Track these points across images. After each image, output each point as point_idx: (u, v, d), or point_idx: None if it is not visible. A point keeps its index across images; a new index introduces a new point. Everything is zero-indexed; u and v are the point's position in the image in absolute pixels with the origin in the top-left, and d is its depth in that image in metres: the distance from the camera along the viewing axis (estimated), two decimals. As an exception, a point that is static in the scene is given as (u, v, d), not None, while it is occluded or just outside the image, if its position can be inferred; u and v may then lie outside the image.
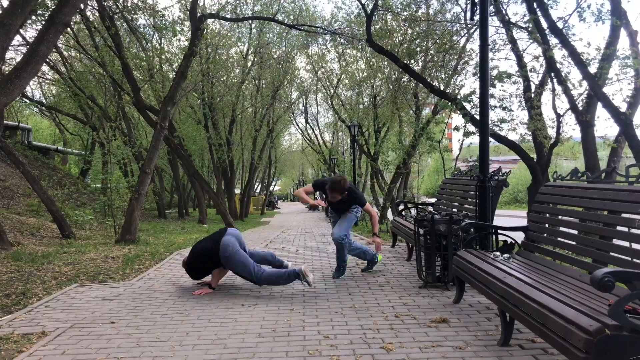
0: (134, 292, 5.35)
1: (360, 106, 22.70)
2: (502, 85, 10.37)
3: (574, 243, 3.70)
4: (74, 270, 6.50)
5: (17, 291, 5.28)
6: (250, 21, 20.03)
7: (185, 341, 3.69)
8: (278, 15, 16.89)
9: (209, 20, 15.44)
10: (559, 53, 9.25)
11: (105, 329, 4.02)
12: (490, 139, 6.72)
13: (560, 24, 8.92)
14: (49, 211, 9.89)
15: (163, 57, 17.18)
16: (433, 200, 8.21)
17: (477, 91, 6.93)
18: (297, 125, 37.33)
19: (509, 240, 4.43)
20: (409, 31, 12.99)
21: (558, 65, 9.16)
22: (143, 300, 5.00)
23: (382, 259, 6.73)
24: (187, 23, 13.47)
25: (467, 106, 10.17)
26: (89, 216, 12.17)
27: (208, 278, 5.51)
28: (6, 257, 6.95)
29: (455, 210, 6.60)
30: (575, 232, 3.82)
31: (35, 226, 10.15)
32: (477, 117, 7.67)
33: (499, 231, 4.73)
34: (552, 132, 10.26)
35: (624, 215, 3.25)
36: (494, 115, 10.94)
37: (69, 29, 13.86)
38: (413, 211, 8.41)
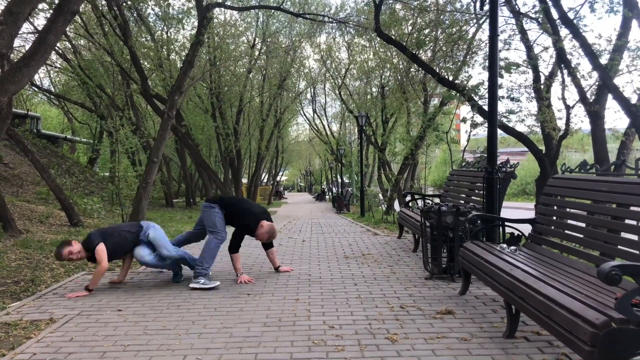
0: (140, 281, 5.40)
1: (368, 96, 22.57)
2: (509, 76, 10.22)
3: (581, 236, 3.67)
4: (82, 258, 6.55)
5: (26, 278, 5.35)
6: (256, 10, 19.94)
7: (191, 330, 3.72)
8: (284, 4, 16.78)
9: (216, 10, 15.39)
10: (568, 44, 9.14)
11: (112, 317, 4.06)
12: (498, 130, 6.65)
13: (571, 15, 8.81)
14: (58, 199, 9.95)
15: (171, 46, 17.14)
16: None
17: (486, 82, 6.86)
18: (305, 115, 37.38)
19: (516, 232, 4.42)
20: (418, 20, 12.88)
21: (568, 57, 9.05)
22: (150, 288, 5.05)
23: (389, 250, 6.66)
24: (194, 12, 13.44)
25: (475, 97, 10.07)
26: (97, 204, 12.22)
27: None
28: (15, 245, 7.02)
29: (462, 201, 6.58)
30: (583, 224, 3.80)
31: (44, 214, 10.22)
32: (486, 108, 7.61)
33: (506, 223, 4.72)
34: (561, 124, 10.15)
35: (632, 208, 3.23)
36: (502, 106, 10.87)
37: (78, 17, 13.85)
38: (420, 202, 8.40)
